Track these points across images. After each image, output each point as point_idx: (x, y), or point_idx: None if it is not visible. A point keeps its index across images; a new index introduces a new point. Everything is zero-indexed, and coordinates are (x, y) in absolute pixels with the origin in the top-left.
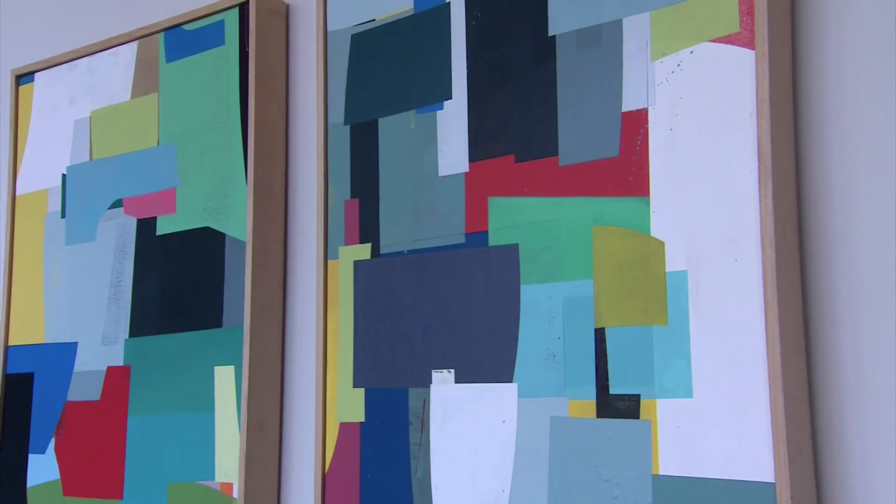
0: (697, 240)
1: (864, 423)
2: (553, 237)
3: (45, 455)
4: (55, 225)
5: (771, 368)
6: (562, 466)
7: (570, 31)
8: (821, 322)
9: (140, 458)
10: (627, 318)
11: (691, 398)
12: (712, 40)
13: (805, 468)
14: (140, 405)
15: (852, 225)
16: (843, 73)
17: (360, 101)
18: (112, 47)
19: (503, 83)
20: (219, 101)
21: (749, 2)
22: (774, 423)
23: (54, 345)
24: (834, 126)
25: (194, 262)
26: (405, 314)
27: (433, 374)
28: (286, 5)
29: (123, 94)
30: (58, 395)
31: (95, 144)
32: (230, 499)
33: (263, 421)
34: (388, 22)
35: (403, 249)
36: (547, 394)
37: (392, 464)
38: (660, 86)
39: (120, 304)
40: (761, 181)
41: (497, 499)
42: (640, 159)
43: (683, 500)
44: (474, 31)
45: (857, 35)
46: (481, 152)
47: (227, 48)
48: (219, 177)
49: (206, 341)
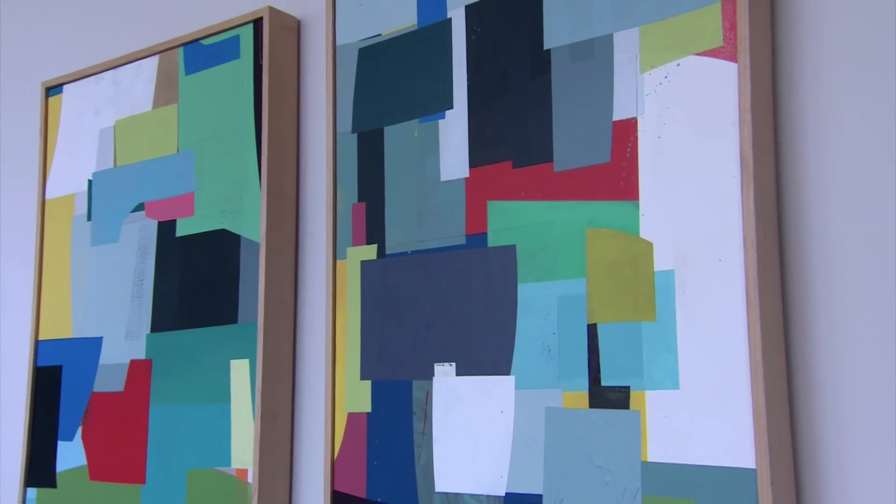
0: (684, 241)
1: (839, 414)
2: (548, 238)
3: (72, 442)
4: (82, 227)
5: (752, 362)
6: (556, 454)
7: (564, 45)
8: (799, 318)
9: (161, 446)
10: (618, 315)
11: (678, 390)
12: (697, 54)
13: (784, 455)
14: (161, 396)
15: (828, 227)
16: (820, 85)
17: (366, 111)
18: (135, 61)
19: (501, 93)
20: (234, 111)
21: (732, 18)
22: (755, 413)
23: (81, 339)
24: (811, 134)
25: (211, 262)
26: (409, 311)
27: (435, 367)
28: (297, 21)
29: (145, 104)
30: (84, 386)
31: (119, 152)
32: (245, 484)
33: (276, 411)
34: (394, 36)
35: (407, 250)
36: (542, 386)
37: (397, 451)
38: (648, 96)
39: (142, 302)
40: (743, 186)
41: (495, 484)
42: (630, 165)
43: (670, 486)
44: (474, 44)
45: (833, 49)
46: (481, 158)
47: (242, 61)
48: (234, 182)
49: (223, 336)
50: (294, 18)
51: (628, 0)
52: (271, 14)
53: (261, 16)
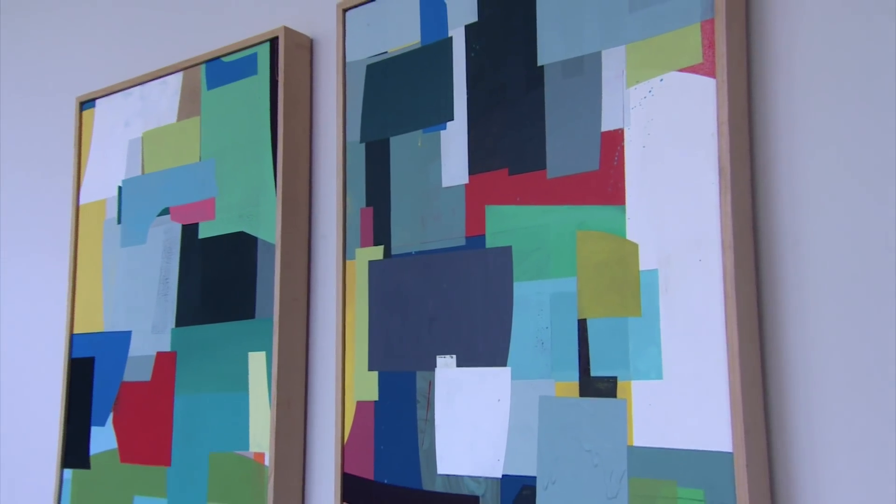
0: (667, 242)
1: (810, 401)
2: (542, 240)
3: (104, 427)
4: (112, 230)
5: (730, 354)
6: (549, 439)
7: (557, 62)
8: (772, 314)
9: (185, 431)
10: (606, 311)
11: (661, 380)
12: (679, 70)
13: (758, 440)
14: (185, 385)
15: (799, 229)
16: (792, 99)
17: (374, 122)
18: (161, 77)
19: (498, 106)
20: (252, 123)
21: (710, 37)
22: (732, 401)
23: (112, 333)
24: (784, 145)
25: (230, 262)
26: (413, 307)
27: (437, 359)
28: (310, 40)
29: (170, 117)
30: (115, 376)
31: (146, 160)
32: (262, 466)
33: (291, 399)
34: (399, 54)
35: (412, 251)
36: (536, 376)
37: (402, 437)
38: (634, 109)
39: (167, 298)
40: (721, 192)
41: (493, 467)
42: (617, 173)
43: (654, 468)
44: (473, 61)
45: (804, 66)
46: (479, 166)
47: (260, 77)
48: (252, 188)
49: (241, 330)
50: (307, 37)
51: (615, 20)
52: (286, 33)
53: (276, 35)
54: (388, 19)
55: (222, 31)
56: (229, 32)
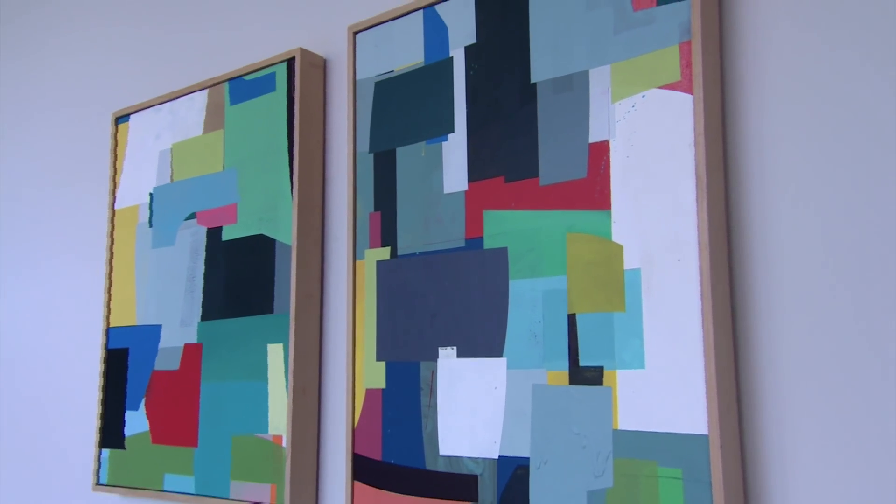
0: (649, 244)
1: (778, 388)
2: (535, 242)
3: (137, 412)
4: (144, 233)
5: (706, 345)
6: (541, 423)
7: (548, 79)
8: (744, 309)
9: (210, 415)
10: (593, 306)
11: (643, 369)
12: (659, 87)
13: (731, 423)
14: (210, 374)
15: (769, 232)
16: (763, 114)
17: (381, 135)
18: (188, 94)
19: (495, 120)
20: (271, 135)
21: (688, 57)
22: (708, 388)
23: (144, 326)
24: (755, 155)
25: (251, 262)
26: (417, 303)
27: (439, 350)
28: (324, 60)
29: (197, 130)
30: (146, 365)
31: (175, 170)
32: (280, 448)
33: (306, 387)
34: (404, 72)
35: (416, 251)
36: (530, 366)
37: (407, 421)
38: (618, 122)
39: (194, 295)
40: (698, 198)
41: (490, 448)
42: (604, 180)
43: (637, 450)
44: (472, 79)
45: (773, 84)
46: (478, 174)
47: (278, 94)
48: (270, 194)
49: (261, 324)
50: (321, 57)
51: (601, 42)
52: (302, 54)
53: (293, 55)
54: (394, 41)
55: (244, 52)
56: (250, 53)
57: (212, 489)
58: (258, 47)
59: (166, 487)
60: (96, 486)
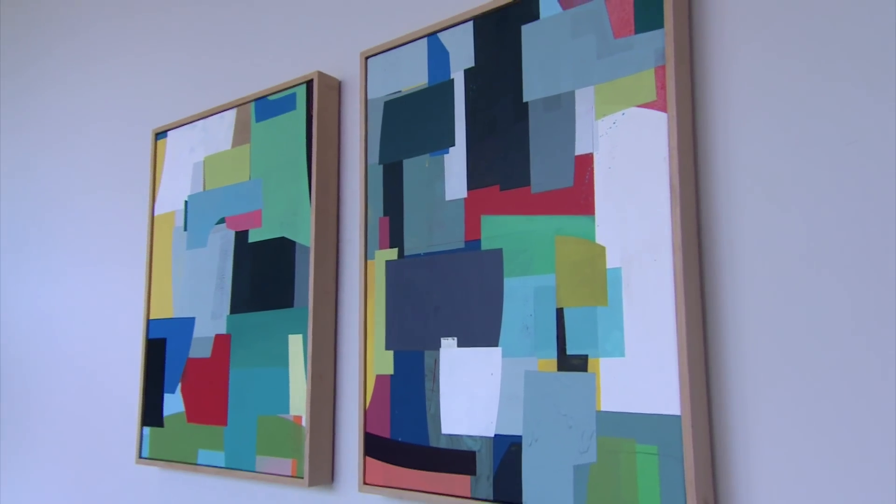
0: (628, 245)
1: (743, 373)
2: (527, 243)
3: (174, 394)
4: (179, 236)
5: (678, 335)
6: (532, 405)
7: (539, 99)
8: (713, 303)
9: (238, 398)
10: (579, 301)
11: (624, 357)
12: (638, 106)
13: (701, 405)
14: (238, 361)
15: (735, 235)
16: (729, 130)
17: (390, 148)
18: (219, 112)
19: (491, 134)
20: (291, 149)
21: (663, 80)
22: (680, 373)
23: (179, 319)
24: (722, 166)
25: (274, 262)
26: (422, 298)
27: (442, 340)
28: (339, 81)
29: (226, 144)
30: (182, 353)
31: (207, 179)
32: (300, 427)
33: (323, 373)
34: (410, 92)
35: (420, 252)
36: (522, 354)
37: (413, 403)
38: (601, 137)
39: (223, 291)
40: (672, 204)
41: (487, 428)
42: (588, 189)
43: (617, 429)
44: (471, 98)
45: (738, 104)
46: (476, 183)
47: (298, 112)
48: (291, 201)
49: (283, 317)
50: (336, 80)
51: (586, 66)
52: (319, 77)
53: (311, 78)
54: (401, 65)
55: (268, 75)
56: (273, 76)
57: (240, 463)
58: (281, 71)
59: (199, 461)
60: (139, 460)
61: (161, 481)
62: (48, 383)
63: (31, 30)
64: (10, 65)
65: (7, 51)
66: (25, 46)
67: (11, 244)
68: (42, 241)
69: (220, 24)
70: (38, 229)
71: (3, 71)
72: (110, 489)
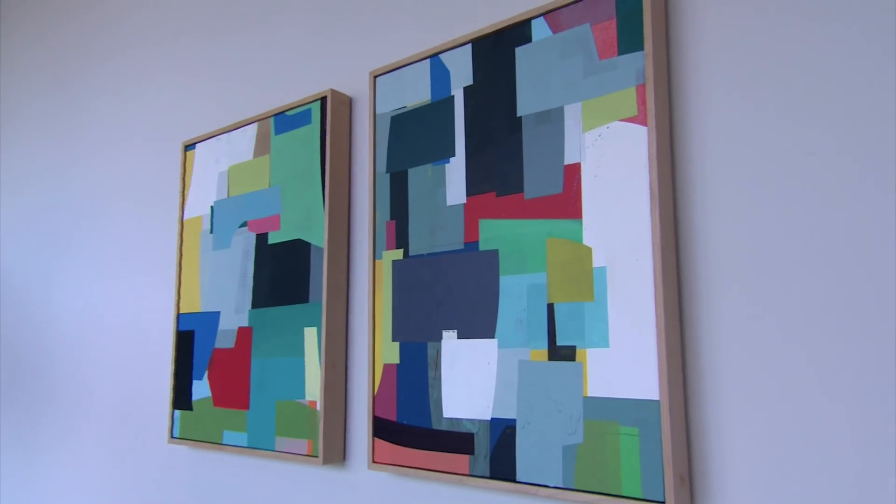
0: (613, 246)
1: (716, 362)
2: (521, 245)
3: (202, 381)
4: (206, 238)
5: (658, 329)
6: (526, 392)
7: (531, 113)
8: (689, 298)
9: (259, 384)
10: (568, 297)
11: (608, 348)
12: (621, 120)
13: (678, 391)
14: (259, 351)
15: (709, 237)
16: (704, 141)
17: (396, 158)
18: (241, 126)
19: (488, 146)
20: (307, 159)
21: (643, 97)
22: (660, 362)
23: (206, 313)
24: (698, 175)
25: (291, 261)
26: (425, 294)
27: (443, 332)
28: (350, 98)
29: (248, 155)
30: (208, 344)
31: (231, 187)
32: (315, 411)
33: (335, 362)
34: (415, 108)
35: (424, 253)
36: (516, 346)
37: (417, 390)
38: (588, 148)
39: (245, 288)
40: (652, 208)
41: (484, 412)
42: (576, 195)
43: (603, 412)
44: (469, 113)
45: (712, 118)
46: (475, 190)
47: (313, 126)
48: (307, 207)
49: (299, 311)
50: (347, 96)
51: (574, 84)
52: (332, 94)
53: (325, 95)
54: (406, 83)
55: (286, 92)
56: (291, 93)
57: (261, 443)
58: (297, 89)
59: (224, 441)
60: (170, 440)
61: (190, 459)
62: (92, 372)
63: (73, 52)
64: (54, 84)
65: (50, 71)
66: (66, 68)
67: (60, 249)
68: (85, 245)
69: (242, 47)
70: (83, 234)
71: (48, 89)
72: (145, 466)
